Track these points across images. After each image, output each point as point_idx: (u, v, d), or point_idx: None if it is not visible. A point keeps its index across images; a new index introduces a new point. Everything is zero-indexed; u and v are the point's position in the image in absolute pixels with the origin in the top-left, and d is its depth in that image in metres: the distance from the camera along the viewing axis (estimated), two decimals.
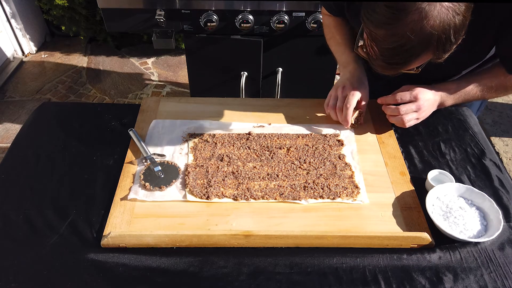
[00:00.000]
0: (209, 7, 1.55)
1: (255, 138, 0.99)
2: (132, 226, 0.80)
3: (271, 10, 1.56)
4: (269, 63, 1.78)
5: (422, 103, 0.96)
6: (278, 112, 1.09)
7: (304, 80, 1.88)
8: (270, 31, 1.62)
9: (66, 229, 0.80)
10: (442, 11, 0.69)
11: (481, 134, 1.06)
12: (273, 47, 1.73)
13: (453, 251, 0.78)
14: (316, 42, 1.72)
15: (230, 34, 1.65)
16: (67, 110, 1.11)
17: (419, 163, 0.96)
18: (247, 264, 0.75)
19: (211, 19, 1.56)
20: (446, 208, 0.83)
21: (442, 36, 0.71)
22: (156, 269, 0.74)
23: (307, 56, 1.78)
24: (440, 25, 0.70)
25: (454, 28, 0.71)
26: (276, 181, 0.89)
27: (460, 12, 0.70)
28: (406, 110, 0.97)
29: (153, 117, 1.06)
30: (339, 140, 1.00)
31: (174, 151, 0.97)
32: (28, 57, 2.95)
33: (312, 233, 0.77)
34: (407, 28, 0.70)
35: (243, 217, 0.82)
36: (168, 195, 0.86)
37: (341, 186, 0.88)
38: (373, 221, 0.82)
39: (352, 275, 0.74)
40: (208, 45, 1.67)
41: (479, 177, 0.93)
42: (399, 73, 0.82)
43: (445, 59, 0.78)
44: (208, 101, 1.12)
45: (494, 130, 2.12)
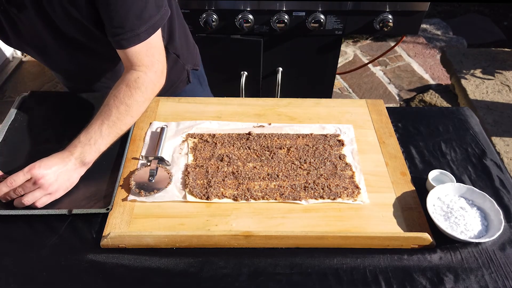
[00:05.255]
0: (209, 7, 1.55)
1: (255, 138, 0.99)
2: (132, 226, 0.80)
3: (271, 10, 1.56)
4: (269, 63, 1.78)
5: (40, 175, 0.80)
6: (278, 112, 1.08)
7: (304, 80, 1.88)
8: (270, 30, 1.62)
9: (66, 230, 0.80)
10: None
11: (482, 134, 1.05)
12: (273, 47, 1.73)
13: (454, 251, 0.78)
14: (316, 42, 1.72)
15: (230, 33, 1.65)
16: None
17: (419, 163, 0.96)
18: (247, 265, 0.75)
19: (211, 18, 1.56)
20: (447, 209, 0.83)
21: None
22: (155, 270, 0.74)
23: (307, 56, 1.77)
24: None
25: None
26: (276, 181, 0.89)
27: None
28: (24, 190, 0.80)
29: (153, 117, 1.06)
30: (339, 140, 1.00)
31: (173, 151, 0.96)
32: (27, 57, 2.95)
33: (312, 234, 0.77)
34: None
35: (243, 218, 0.82)
36: (168, 196, 0.86)
37: (341, 186, 0.88)
38: (374, 221, 0.82)
39: (353, 275, 0.74)
40: (208, 44, 1.67)
41: (480, 177, 0.93)
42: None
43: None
44: (208, 101, 1.12)
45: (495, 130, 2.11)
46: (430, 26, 3.22)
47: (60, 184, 0.83)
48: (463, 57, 2.61)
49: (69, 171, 0.84)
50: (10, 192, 0.81)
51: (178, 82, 1.23)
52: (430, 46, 3.04)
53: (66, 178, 0.84)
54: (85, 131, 0.87)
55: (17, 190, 0.81)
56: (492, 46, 2.93)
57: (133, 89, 0.89)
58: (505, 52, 2.66)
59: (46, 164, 0.82)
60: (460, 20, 3.36)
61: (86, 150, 0.85)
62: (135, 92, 0.89)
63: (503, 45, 2.97)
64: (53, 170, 0.82)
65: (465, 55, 2.63)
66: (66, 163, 0.83)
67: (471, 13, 3.46)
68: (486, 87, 2.38)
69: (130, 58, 0.91)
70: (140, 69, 0.91)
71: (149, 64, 0.92)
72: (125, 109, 0.88)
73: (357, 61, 2.92)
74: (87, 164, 0.86)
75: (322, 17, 1.57)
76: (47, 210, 0.82)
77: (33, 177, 0.80)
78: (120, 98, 0.88)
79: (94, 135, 0.86)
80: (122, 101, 0.88)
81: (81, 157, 0.85)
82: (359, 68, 2.66)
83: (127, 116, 0.89)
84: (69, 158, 0.84)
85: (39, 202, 0.82)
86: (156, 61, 0.93)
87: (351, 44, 3.09)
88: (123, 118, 0.88)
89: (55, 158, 0.83)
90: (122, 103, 0.88)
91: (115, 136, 0.89)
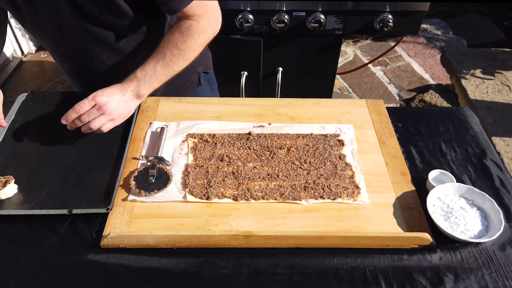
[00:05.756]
0: None
1: (255, 138, 0.99)
2: (132, 226, 0.80)
3: (271, 10, 1.56)
4: (269, 63, 1.78)
5: (103, 101, 0.89)
6: (278, 112, 1.08)
7: (304, 80, 1.88)
8: (270, 30, 1.62)
9: (66, 230, 0.80)
10: None
11: (482, 134, 1.05)
12: (273, 46, 1.73)
13: (454, 251, 0.78)
14: (316, 42, 1.72)
15: (230, 33, 1.65)
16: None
17: (419, 163, 0.96)
18: (247, 265, 0.75)
19: None
20: (447, 209, 0.83)
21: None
22: (156, 270, 0.74)
23: (307, 56, 1.77)
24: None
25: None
26: (276, 181, 0.89)
27: None
28: (89, 116, 0.89)
29: (153, 117, 1.06)
30: (339, 140, 1.00)
31: (174, 151, 0.96)
32: (27, 57, 2.95)
33: (312, 234, 0.77)
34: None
35: (243, 218, 0.82)
36: (168, 196, 0.86)
37: (341, 186, 0.88)
38: (374, 221, 0.82)
39: (353, 275, 0.74)
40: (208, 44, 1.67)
41: (480, 177, 0.93)
42: None
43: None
44: (208, 101, 1.12)
45: (495, 130, 2.11)
46: (430, 26, 3.22)
47: (121, 112, 0.93)
48: (463, 57, 2.61)
49: (127, 101, 0.94)
50: (76, 120, 0.90)
51: (188, 84, 1.24)
52: (430, 46, 3.04)
53: (125, 107, 0.94)
54: (141, 68, 0.95)
55: (82, 117, 0.89)
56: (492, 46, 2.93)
57: (185, 35, 0.95)
58: (505, 52, 2.66)
59: (108, 93, 0.90)
60: (460, 20, 3.36)
61: (141, 84, 0.94)
62: (188, 39, 0.96)
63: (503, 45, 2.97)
64: (114, 98, 0.91)
65: (465, 55, 2.63)
66: (124, 94, 0.93)
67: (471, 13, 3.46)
68: (486, 87, 2.38)
69: (183, 12, 0.95)
70: (193, 18, 0.96)
71: (202, 13, 0.96)
72: (178, 53, 0.96)
73: (357, 61, 2.92)
74: (141, 97, 0.97)
75: (322, 17, 1.57)
76: (47, 210, 0.82)
77: (97, 103, 0.88)
78: (173, 43, 0.95)
79: (149, 72, 0.94)
80: (175, 46, 0.95)
81: (136, 90, 0.94)
82: (359, 68, 2.66)
83: (179, 59, 0.97)
84: (126, 89, 0.93)
85: (104, 127, 0.92)
86: (208, 9, 0.98)
87: (351, 44, 3.09)
88: (176, 60, 0.96)
89: (115, 88, 0.92)
90: (175, 47, 0.95)
91: (167, 75, 0.97)
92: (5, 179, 0.86)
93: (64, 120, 0.91)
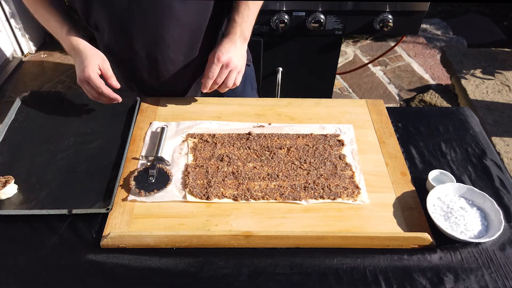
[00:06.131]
0: None
1: (255, 138, 0.99)
2: (132, 226, 0.80)
3: (271, 10, 1.56)
4: (269, 63, 1.78)
5: (227, 59, 0.96)
6: (278, 112, 1.08)
7: (304, 80, 1.88)
8: (270, 30, 1.62)
9: (66, 230, 0.80)
10: None
11: (482, 134, 1.05)
12: (273, 46, 1.73)
13: (454, 251, 0.78)
14: (316, 42, 1.72)
15: None
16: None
17: (419, 163, 0.96)
18: (247, 265, 0.75)
19: None
20: (447, 209, 0.83)
21: None
22: (156, 270, 0.74)
23: (307, 56, 1.77)
24: None
25: None
26: (276, 182, 0.88)
27: None
28: (222, 77, 0.98)
29: (153, 117, 1.06)
30: (339, 140, 1.00)
31: (173, 151, 0.96)
32: (27, 57, 2.95)
33: (312, 234, 0.77)
34: None
35: (243, 218, 0.82)
36: (168, 196, 0.86)
37: (341, 186, 0.88)
38: (374, 221, 0.82)
39: (353, 275, 0.74)
40: None
41: (480, 177, 0.93)
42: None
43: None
44: (208, 101, 1.12)
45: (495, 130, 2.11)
46: (430, 26, 3.22)
47: (242, 61, 1.00)
48: (463, 57, 2.61)
49: (240, 48, 1.00)
50: (213, 85, 0.99)
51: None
52: (430, 46, 3.04)
53: (242, 54, 1.01)
54: (236, 12, 1.00)
55: (217, 80, 0.98)
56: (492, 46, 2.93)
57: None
58: (505, 52, 2.66)
59: (225, 50, 0.97)
60: (460, 20, 3.36)
61: (243, 27, 1.00)
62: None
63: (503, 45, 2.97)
64: (232, 51, 0.97)
65: (465, 55, 2.63)
66: (235, 43, 0.98)
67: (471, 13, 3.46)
68: (486, 87, 2.38)
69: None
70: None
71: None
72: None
73: (357, 61, 2.92)
74: (247, 39, 1.02)
75: (322, 17, 1.57)
76: (47, 210, 0.82)
77: (223, 63, 0.96)
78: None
79: (245, 13, 0.99)
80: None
81: (243, 34, 1.00)
82: (359, 68, 2.66)
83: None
84: (235, 38, 0.99)
85: (236, 80, 1.00)
86: None
87: (351, 44, 3.09)
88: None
89: (226, 43, 0.98)
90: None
91: (257, 9, 1.02)
92: (5, 179, 0.86)
93: (204, 89, 1.00)
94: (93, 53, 0.96)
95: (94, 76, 0.93)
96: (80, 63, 0.95)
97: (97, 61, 0.95)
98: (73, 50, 0.98)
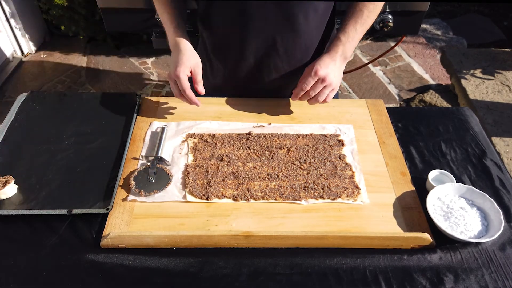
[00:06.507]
0: None
1: (255, 138, 0.99)
2: (132, 226, 0.80)
3: None
4: None
5: (323, 74, 0.96)
6: (278, 112, 1.08)
7: None
8: None
9: (66, 230, 0.80)
10: None
11: (482, 134, 1.05)
12: None
13: (454, 251, 0.78)
14: None
15: None
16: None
17: (419, 163, 0.96)
18: (247, 265, 0.75)
19: None
20: (447, 209, 0.83)
21: None
22: (156, 270, 0.74)
23: None
24: None
25: None
26: (276, 182, 0.88)
27: None
28: (315, 90, 0.98)
29: (153, 117, 1.06)
30: (339, 140, 1.00)
31: (173, 151, 0.96)
32: (27, 57, 2.95)
33: (312, 234, 0.77)
34: None
35: (243, 218, 0.82)
36: (168, 196, 0.86)
37: (341, 186, 0.88)
38: (374, 221, 0.82)
39: (353, 275, 0.74)
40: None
41: (480, 177, 0.93)
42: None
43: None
44: (208, 101, 1.12)
45: (495, 130, 2.11)
46: (430, 26, 3.22)
47: (338, 79, 1.00)
48: (463, 57, 2.61)
49: (339, 67, 1.00)
50: (303, 96, 1.00)
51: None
52: (430, 46, 3.04)
53: (339, 73, 1.00)
54: (343, 31, 0.99)
55: (310, 93, 0.98)
56: (492, 46, 2.93)
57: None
58: (505, 52, 2.66)
59: (324, 65, 0.97)
60: (460, 20, 3.36)
61: (346, 47, 0.99)
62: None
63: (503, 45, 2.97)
64: (330, 68, 0.97)
65: (465, 55, 2.63)
66: (335, 60, 0.98)
67: (471, 13, 3.46)
68: (486, 87, 2.38)
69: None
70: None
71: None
72: (373, 8, 0.99)
73: (357, 61, 2.92)
74: (347, 59, 1.01)
75: None
76: (47, 210, 0.82)
77: (320, 77, 0.96)
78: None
79: (351, 33, 0.99)
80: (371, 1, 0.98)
81: (344, 54, 1.00)
82: (359, 68, 2.66)
83: (374, 13, 1.00)
84: (336, 56, 0.99)
85: (328, 97, 1.00)
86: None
87: None
88: (372, 16, 1.00)
89: (326, 58, 0.98)
90: (371, 3, 0.98)
91: (363, 32, 1.01)
92: (5, 179, 0.86)
93: (294, 97, 1.01)
94: (190, 55, 0.99)
95: (183, 77, 0.96)
96: (175, 61, 0.98)
97: (191, 64, 0.98)
98: (175, 46, 1.01)
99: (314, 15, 1.01)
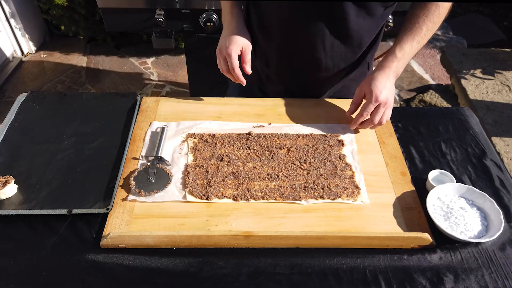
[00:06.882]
0: (209, 7, 1.55)
1: (255, 138, 0.99)
2: (132, 226, 0.80)
3: None
4: None
5: (384, 98, 0.94)
6: (278, 112, 1.08)
7: None
8: None
9: (66, 230, 0.80)
10: None
11: (482, 134, 1.05)
12: None
13: (454, 251, 0.78)
14: None
15: None
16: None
17: (419, 163, 0.96)
18: (247, 265, 0.75)
19: (211, 18, 1.56)
20: (447, 209, 0.83)
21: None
22: (155, 270, 0.74)
23: None
24: None
25: None
26: (276, 182, 0.89)
27: None
28: (378, 115, 0.96)
29: (153, 117, 1.06)
30: (339, 140, 1.00)
31: (173, 151, 0.96)
32: (27, 57, 2.95)
33: (312, 234, 0.77)
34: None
35: (243, 218, 0.82)
36: (168, 196, 0.86)
37: (341, 186, 0.88)
38: (374, 221, 0.82)
39: (353, 275, 0.74)
40: (208, 44, 1.67)
41: (480, 177, 0.93)
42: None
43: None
44: (208, 101, 1.12)
45: (495, 130, 2.12)
46: None
47: (392, 98, 0.97)
48: (463, 57, 2.61)
49: (392, 84, 0.97)
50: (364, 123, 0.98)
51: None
52: (430, 46, 3.04)
53: (392, 91, 0.97)
54: (399, 47, 0.97)
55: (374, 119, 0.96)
56: (492, 46, 2.93)
57: (441, 8, 0.97)
58: (505, 52, 2.66)
59: (382, 86, 0.94)
60: (460, 20, 3.36)
61: (400, 64, 0.97)
62: (443, 12, 0.97)
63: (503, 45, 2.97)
64: (387, 88, 0.95)
65: (465, 55, 2.63)
66: (389, 78, 0.96)
67: (471, 13, 3.46)
68: (486, 87, 2.38)
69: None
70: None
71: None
72: (432, 27, 0.97)
73: None
74: (398, 75, 0.99)
75: None
76: (47, 210, 0.82)
77: (381, 102, 0.94)
78: (429, 17, 0.96)
79: (407, 50, 0.97)
80: (431, 20, 0.96)
81: (396, 71, 0.97)
82: None
83: (431, 32, 0.98)
84: (389, 73, 0.96)
85: (384, 118, 0.97)
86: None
87: None
88: (429, 35, 0.98)
89: (381, 77, 0.95)
90: (431, 21, 0.96)
91: (417, 50, 0.99)
92: (5, 179, 0.86)
93: (353, 125, 1.00)
94: (243, 33, 1.00)
95: (234, 55, 0.97)
96: (227, 36, 0.99)
97: (243, 43, 0.99)
98: (230, 23, 1.02)
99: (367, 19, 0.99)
